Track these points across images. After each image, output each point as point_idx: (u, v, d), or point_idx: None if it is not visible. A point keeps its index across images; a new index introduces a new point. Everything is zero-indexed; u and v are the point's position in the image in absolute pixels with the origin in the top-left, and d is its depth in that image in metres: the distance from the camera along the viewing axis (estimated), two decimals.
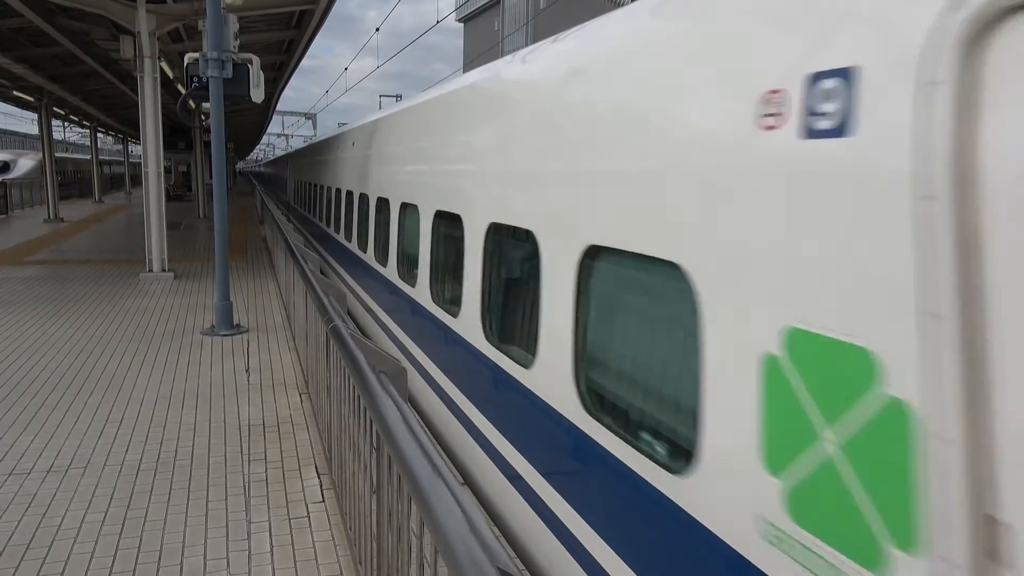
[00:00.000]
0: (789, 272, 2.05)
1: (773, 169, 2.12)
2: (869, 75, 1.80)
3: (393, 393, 2.96)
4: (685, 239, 2.57)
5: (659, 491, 2.69)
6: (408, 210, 6.84)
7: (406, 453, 2.35)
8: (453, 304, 5.37)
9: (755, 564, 2.20)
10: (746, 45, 2.35)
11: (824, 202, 1.92)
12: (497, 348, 4.43)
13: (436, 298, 5.89)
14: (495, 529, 4.25)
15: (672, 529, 2.61)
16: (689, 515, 2.52)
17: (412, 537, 2.40)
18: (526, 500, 3.95)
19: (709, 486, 2.45)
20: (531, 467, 3.89)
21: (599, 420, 3.17)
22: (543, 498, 3.72)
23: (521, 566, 3.90)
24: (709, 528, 2.41)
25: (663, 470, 2.70)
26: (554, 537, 3.58)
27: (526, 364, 3.95)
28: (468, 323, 4.95)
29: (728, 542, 2.32)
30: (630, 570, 2.88)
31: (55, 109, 27.96)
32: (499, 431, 4.38)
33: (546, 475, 3.71)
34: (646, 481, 2.79)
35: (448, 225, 5.50)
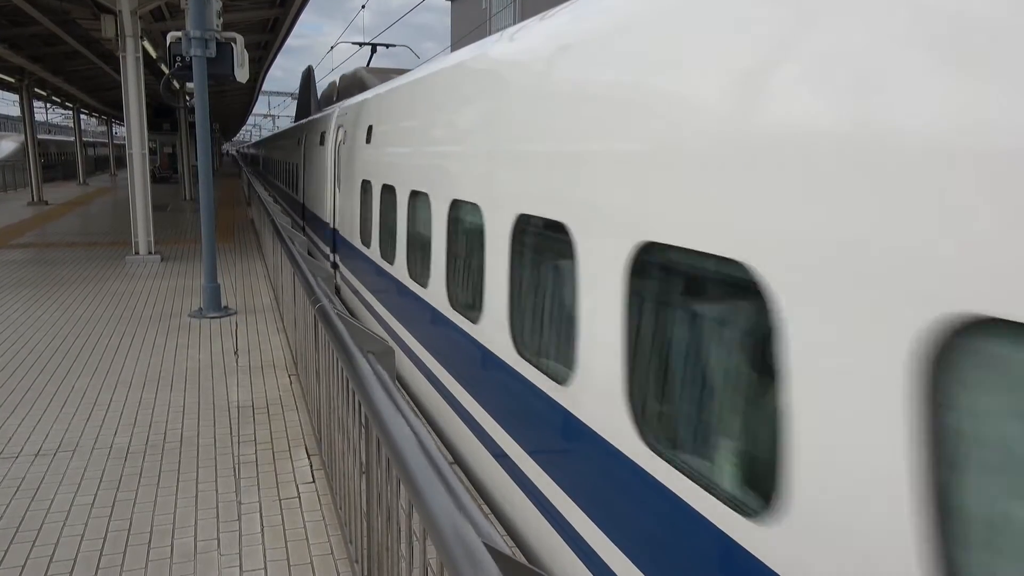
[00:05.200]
0: None
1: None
2: None
3: (381, 373, 2.96)
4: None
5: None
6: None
7: (393, 433, 2.36)
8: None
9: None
10: None
11: None
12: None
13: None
14: (484, 507, 4.28)
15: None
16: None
17: (402, 515, 2.42)
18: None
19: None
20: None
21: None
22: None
23: (512, 543, 3.93)
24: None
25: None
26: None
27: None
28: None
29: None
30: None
31: (37, 90, 27.54)
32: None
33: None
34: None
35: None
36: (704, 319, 2.47)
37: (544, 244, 3.71)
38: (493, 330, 4.22)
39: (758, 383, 2.21)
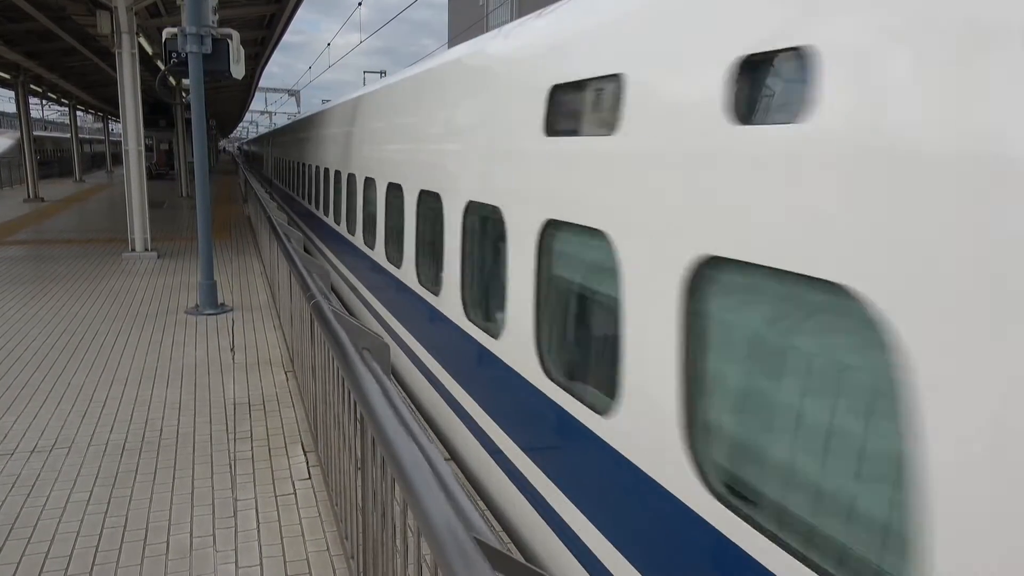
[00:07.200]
0: None
1: None
2: None
3: (376, 369, 2.96)
4: None
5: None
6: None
7: (387, 430, 2.36)
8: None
9: None
10: None
11: None
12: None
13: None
14: (480, 503, 4.29)
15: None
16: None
17: (396, 511, 2.42)
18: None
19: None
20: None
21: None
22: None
23: (507, 539, 3.94)
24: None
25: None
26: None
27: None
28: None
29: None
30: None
31: (32, 87, 27.44)
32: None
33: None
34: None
35: None
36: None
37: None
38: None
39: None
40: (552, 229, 3.57)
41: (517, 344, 3.89)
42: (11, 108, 60.96)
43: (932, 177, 1.62)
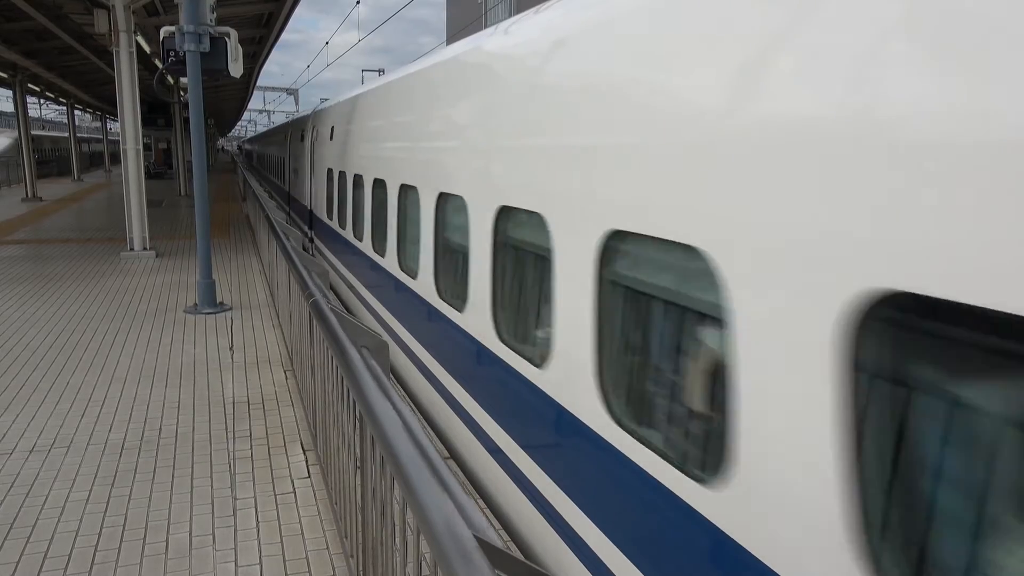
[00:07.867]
0: None
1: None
2: None
3: (375, 368, 2.95)
4: None
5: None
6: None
7: (386, 428, 2.36)
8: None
9: None
10: None
11: None
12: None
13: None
14: (480, 501, 4.29)
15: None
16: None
17: (396, 510, 2.42)
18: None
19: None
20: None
21: None
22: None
23: (506, 537, 3.94)
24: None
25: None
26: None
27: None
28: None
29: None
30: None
31: (30, 85, 27.40)
32: None
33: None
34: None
35: None
36: None
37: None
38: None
39: None
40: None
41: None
42: (9, 107, 60.92)
43: None
